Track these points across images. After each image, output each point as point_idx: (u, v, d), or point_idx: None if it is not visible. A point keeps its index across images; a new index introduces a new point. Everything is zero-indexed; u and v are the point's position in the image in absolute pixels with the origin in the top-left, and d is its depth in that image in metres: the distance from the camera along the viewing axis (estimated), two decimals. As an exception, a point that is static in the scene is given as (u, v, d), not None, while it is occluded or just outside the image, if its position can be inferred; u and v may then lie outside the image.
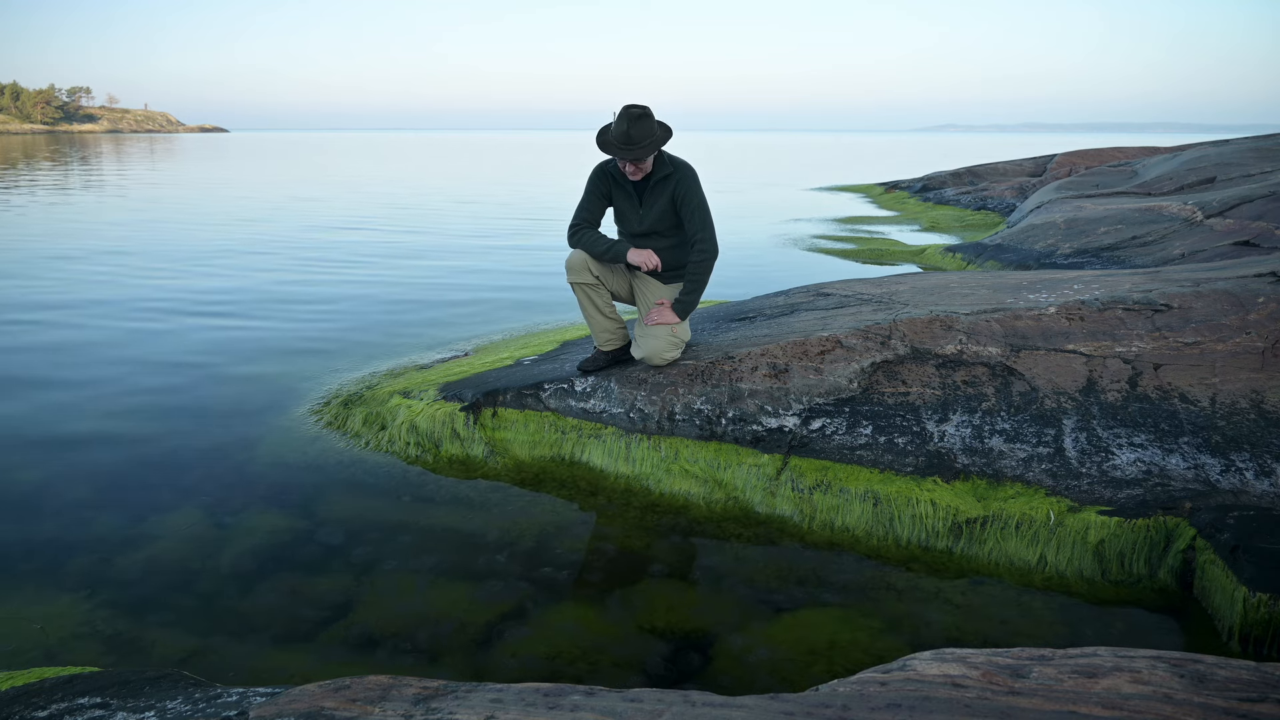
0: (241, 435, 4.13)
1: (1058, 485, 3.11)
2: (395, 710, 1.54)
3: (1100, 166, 15.27)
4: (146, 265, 9.18)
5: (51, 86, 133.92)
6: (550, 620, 2.60)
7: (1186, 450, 3.13)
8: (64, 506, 3.36)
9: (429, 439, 3.91)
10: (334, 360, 5.40)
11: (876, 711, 1.41)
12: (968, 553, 3.00)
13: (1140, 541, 2.85)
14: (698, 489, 3.48)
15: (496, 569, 2.90)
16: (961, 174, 18.95)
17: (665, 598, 2.73)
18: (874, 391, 3.62)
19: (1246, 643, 2.41)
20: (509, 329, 6.11)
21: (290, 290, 7.83)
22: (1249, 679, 1.46)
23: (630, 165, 3.60)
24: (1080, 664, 1.56)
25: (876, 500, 3.20)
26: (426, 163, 38.86)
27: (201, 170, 29.80)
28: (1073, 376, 3.52)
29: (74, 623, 2.58)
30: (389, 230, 12.58)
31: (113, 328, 6.33)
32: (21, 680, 2.09)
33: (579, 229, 3.81)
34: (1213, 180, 10.41)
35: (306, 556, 2.99)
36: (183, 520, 3.25)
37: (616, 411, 3.81)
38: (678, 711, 1.44)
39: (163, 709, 1.74)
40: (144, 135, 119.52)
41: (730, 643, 2.48)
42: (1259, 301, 3.70)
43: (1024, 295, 4.25)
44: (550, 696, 1.54)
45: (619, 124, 3.48)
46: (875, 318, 4.05)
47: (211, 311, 6.88)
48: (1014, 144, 68.80)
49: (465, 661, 2.39)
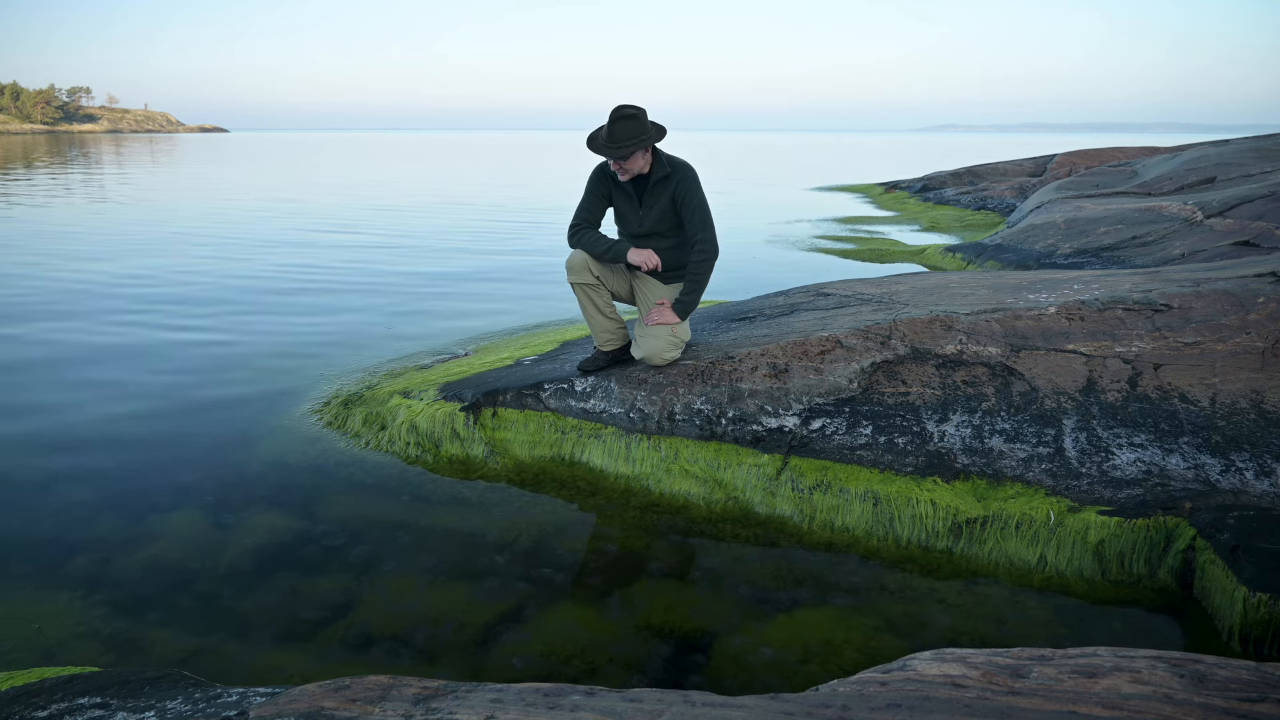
0: (242, 435, 4.13)
1: (1058, 485, 3.11)
2: (395, 710, 1.54)
3: (1100, 166, 15.27)
4: (146, 265, 9.18)
5: (51, 86, 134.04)
6: (550, 620, 2.60)
7: (1186, 450, 3.13)
8: (64, 506, 3.36)
9: (429, 439, 3.91)
10: (334, 360, 5.40)
11: (876, 711, 1.41)
12: (968, 553, 3.00)
13: (1140, 541, 2.85)
14: (698, 489, 3.48)
15: (496, 569, 2.90)
16: (961, 174, 18.96)
17: (665, 597, 2.73)
18: (874, 391, 3.62)
19: (1246, 643, 2.41)
20: (509, 329, 6.11)
21: (291, 290, 7.83)
22: (1249, 679, 1.46)
23: (615, 164, 3.60)
24: (1080, 664, 1.56)
25: (876, 500, 3.20)
26: (427, 163, 38.86)
27: (203, 171, 29.80)
28: (1073, 376, 3.52)
29: (74, 623, 2.58)
30: (389, 230, 12.58)
31: (113, 328, 6.33)
32: (21, 680, 2.10)
33: (579, 229, 3.81)
34: (1213, 180, 10.41)
35: (306, 556, 2.99)
36: (183, 520, 3.25)
37: (616, 411, 3.81)
38: (678, 711, 1.44)
39: (163, 709, 1.74)
40: (144, 135, 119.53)
41: (730, 643, 2.48)
42: (1259, 301, 3.70)
43: (1024, 295, 4.25)
44: (550, 696, 1.54)
45: (607, 126, 3.53)
46: (875, 318, 4.05)
47: (211, 312, 6.88)
48: (1014, 144, 68.79)
49: (465, 661, 2.39)
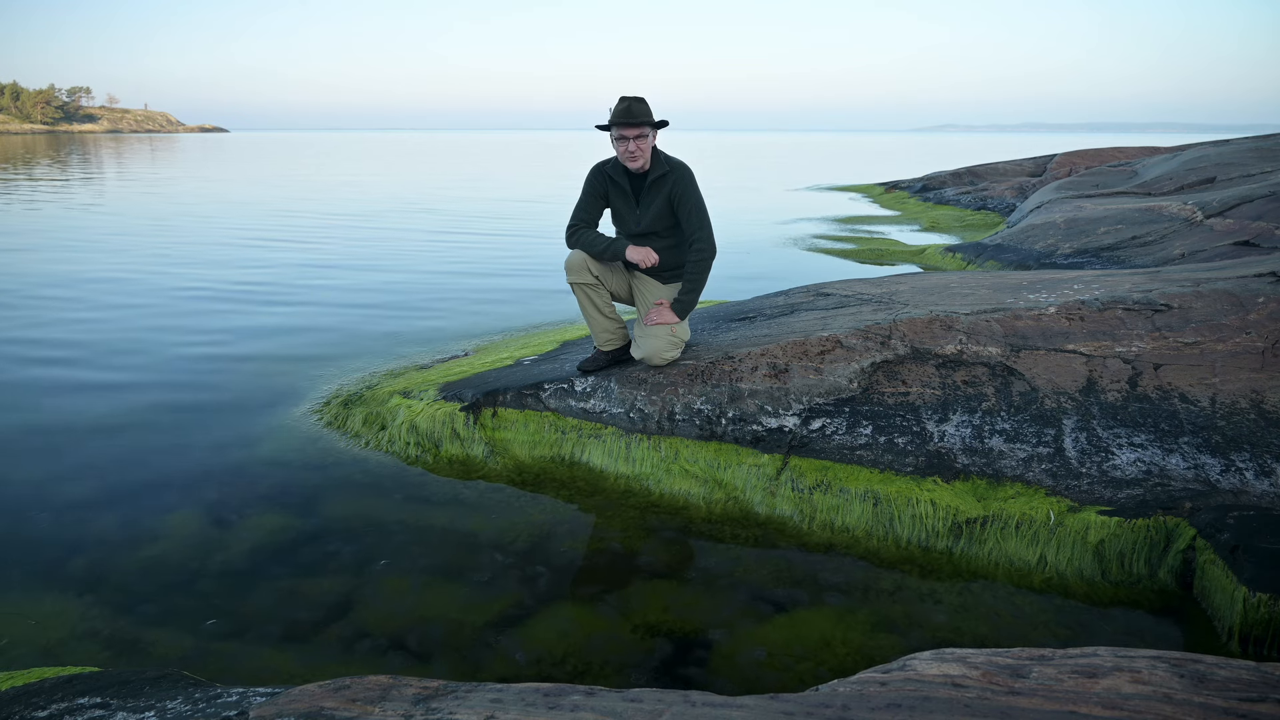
0: (242, 435, 4.13)
1: (1058, 485, 3.10)
2: (395, 710, 1.53)
3: (1100, 166, 15.27)
4: (146, 265, 9.18)
5: (51, 86, 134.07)
6: (550, 620, 2.60)
7: (1186, 450, 3.13)
8: (64, 506, 3.36)
9: (429, 439, 3.91)
10: (334, 360, 5.40)
11: (876, 711, 1.41)
12: (968, 553, 2.99)
13: (1140, 541, 2.85)
14: (697, 489, 3.48)
15: (496, 569, 2.90)
16: (961, 174, 18.96)
17: (665, 597, 2.73)
18: (874, 391, 3.61)
19: (1246, 643, 2.41)
20: (509, 329, 6.11)
21: (290, 290, 7.83)
22: (1249, 679, 1.46)
23: (632, 145, 3.59)
24: (1080, 664, 1.56)
25: (876, 500, 3.20)
26: (426, 162, 38.85)
27: (202, 171, 29.79)
28: (1073, 376, 3.52)
29: (74, 623, 2.58)
30: (389, 230, 12.58)
31: (113, 328, 6.33)
32: (21, 680, 2.09)
33: (577, 229, 3.81)
34: (1213, 180, 10.41)
35: (306, 556, 2.99)
36: (183, 520, 3.25)
37: (616, 411, 3.81)
38: (678, 711, 1.44)
39: (163, 709, 1.74)
40: (144, 135, 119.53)
41: (730, 642, 2.48)
42: (1259, 301, 3.70)
43: (1024, 295, 4.25)
44: (550, 696, 1.54)
45: (619, 104, 3.58)
46: (875, 318, 4.05)
47: (211, 312, 6.89)
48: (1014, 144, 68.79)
49: (465, 661, 2.39)
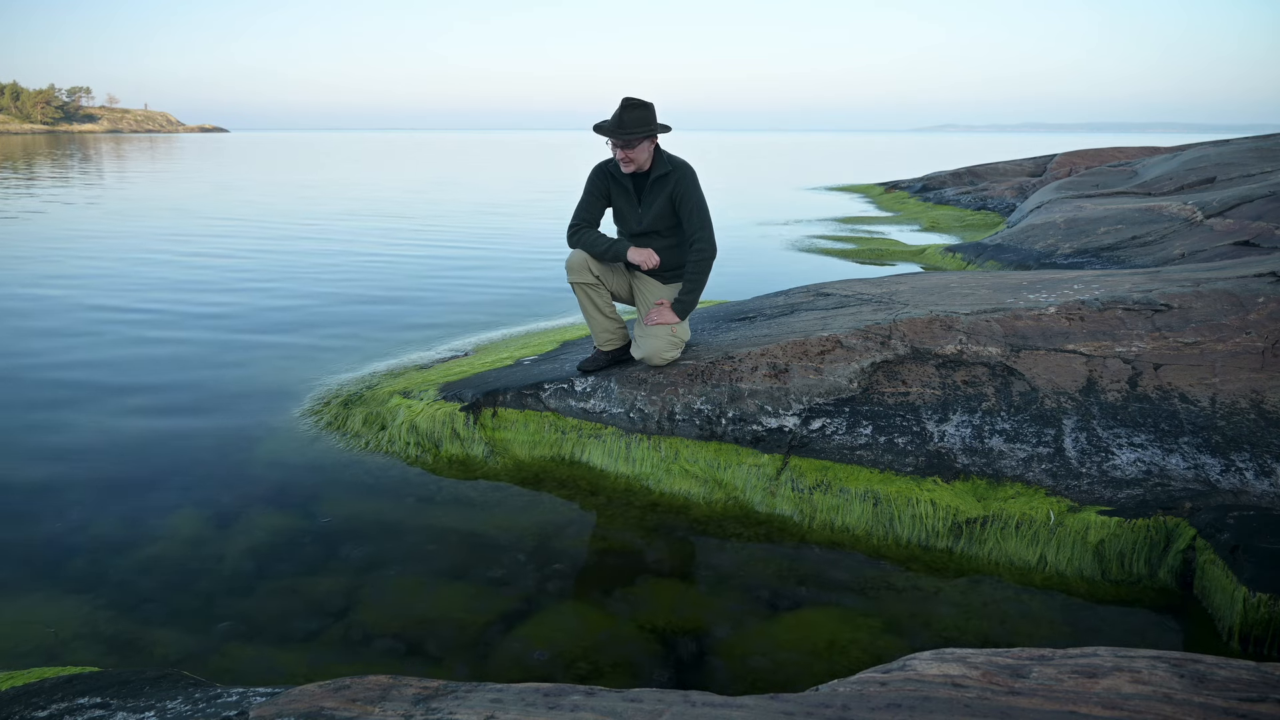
0: (241, 435, 4.13)
1: (1058, 485, 3.10)
2: (395, 710, 1.53)
3: (1100, 166, 15.27)
4: (146, 265, 9.18)
5: (51, 86, 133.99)
6: (550, 620, 2.60)
7: (1186, 450, 3.13)
8: (64, 507, 3.36)
9: (429, 439, 3.91)
10: (334, 360, 5.40)
11: (876, 711, 1.41)
12: (968, 552, 2.99)
13: (1140, 541, 2.85)
14: (698, 489, 3.48)
15: (496, 569, 2.90)
16: (961, 174, 18.96)
17: (665, 597, 2.73)
18: (874, 391, 3.61)
19: (1246, 643, 2.41)
20: (509, 329, 6.11)
21: (290, 291, 7.83)
22: (1249, 679, 1.46)
23: (622, 153, 3.60)
24: (1080, 664, 1.56)
25: (876, 500, 3.20)
26: (426, 162, 38.84)
27: (203, 171, 29.79)
28: (1073, 376, 3.52)
29: (74, 623, 2.58)
30: (389, 230, 12.58)
31: (112, 328, 6.33)
32: (21, 680, 2.09)
33: (578, 229, 3.81)
34: (1213, 180, 10.41)
35: (306, 556, 2.99)
36: (183, 520, 3.25)
37: (616, 411, 3.81)
38: (678, 711, 1.44)
39: (163, 709, 1.74)
40: (144, 135, 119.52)
41: (730, 642, 2.48)
42: (1259, 301, 3.70)
43: (1024, 295, 4.25)
44: (550, 696, 1.54)
45: (616, 111, 3.57)
46: (875, 318, 4.05)
47: (211, 313, 6.88)
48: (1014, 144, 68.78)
49: (465, 661, 2.39)
